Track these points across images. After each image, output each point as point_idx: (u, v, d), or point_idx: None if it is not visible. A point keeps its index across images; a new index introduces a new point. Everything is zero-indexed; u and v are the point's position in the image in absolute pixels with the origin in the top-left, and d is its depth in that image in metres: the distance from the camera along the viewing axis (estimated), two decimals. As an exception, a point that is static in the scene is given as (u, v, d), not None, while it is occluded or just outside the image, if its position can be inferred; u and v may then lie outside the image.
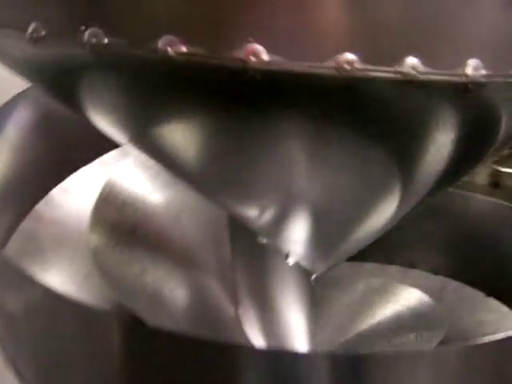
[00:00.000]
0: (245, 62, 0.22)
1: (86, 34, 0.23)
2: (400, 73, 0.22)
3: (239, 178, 0.35)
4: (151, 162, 0.39)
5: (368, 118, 0.28)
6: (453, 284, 0.53)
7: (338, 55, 0.22)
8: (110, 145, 0.40)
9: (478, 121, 0.29)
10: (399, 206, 0.36)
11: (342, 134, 0.29)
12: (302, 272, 0.42)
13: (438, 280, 0.54)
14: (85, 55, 0.24)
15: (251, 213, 0.39)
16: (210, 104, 0.27)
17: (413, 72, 0.22)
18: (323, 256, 0.42)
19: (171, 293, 0.45)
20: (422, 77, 0.22)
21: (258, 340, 0.44)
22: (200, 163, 0.34)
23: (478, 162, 0.37)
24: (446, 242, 0.50)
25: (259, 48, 0.21)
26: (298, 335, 0.44)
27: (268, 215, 0.38)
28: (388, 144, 0.31)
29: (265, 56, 0.21)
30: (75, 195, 0.46)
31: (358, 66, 0.22)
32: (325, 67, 0.22)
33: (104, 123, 0.33)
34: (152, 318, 0.41)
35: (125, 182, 0.46)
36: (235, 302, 0.45)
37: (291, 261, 0.42)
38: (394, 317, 0.45)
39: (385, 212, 0.37)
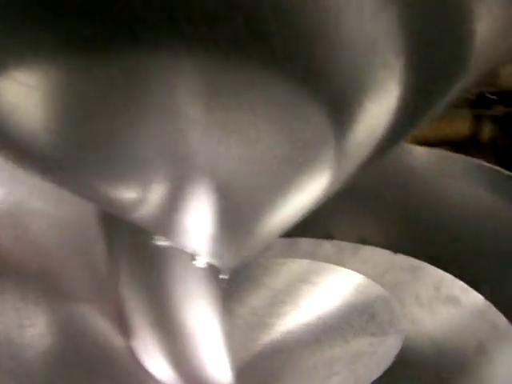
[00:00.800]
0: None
1: None
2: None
3: (110, 146, 0.24)
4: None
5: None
6: (350, 246, 0.46)
7: None
8: None
9: (438, 37, 0.22)
10: (333, 177, 0.27)
11: (256, 72, 0.21)
12: (211, 273, 0.32)
13: (332, 244, 0.47)
14: None
15: (131, 199, 0.27)
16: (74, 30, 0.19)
17: None
18: (236, 248, 0.32)
19: (25, 333, 0.32)
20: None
21: (162, 371, 0.33)
22: (50, 131, 0.24)
23: (436, 109, 0.29)
24: (375, 202, 0.42)
25: None
26: (212, 354, 0.34)
27: (155, 200, 0.27)
28: (319, 88, 0.22)
29: None
30: None
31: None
32: None
33: None
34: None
35: None
36: (124, 329, 0.33)
37: (200, 262, 0.31)
38: (329, 313, 0.36)
39: (313, 186, 0.28)
